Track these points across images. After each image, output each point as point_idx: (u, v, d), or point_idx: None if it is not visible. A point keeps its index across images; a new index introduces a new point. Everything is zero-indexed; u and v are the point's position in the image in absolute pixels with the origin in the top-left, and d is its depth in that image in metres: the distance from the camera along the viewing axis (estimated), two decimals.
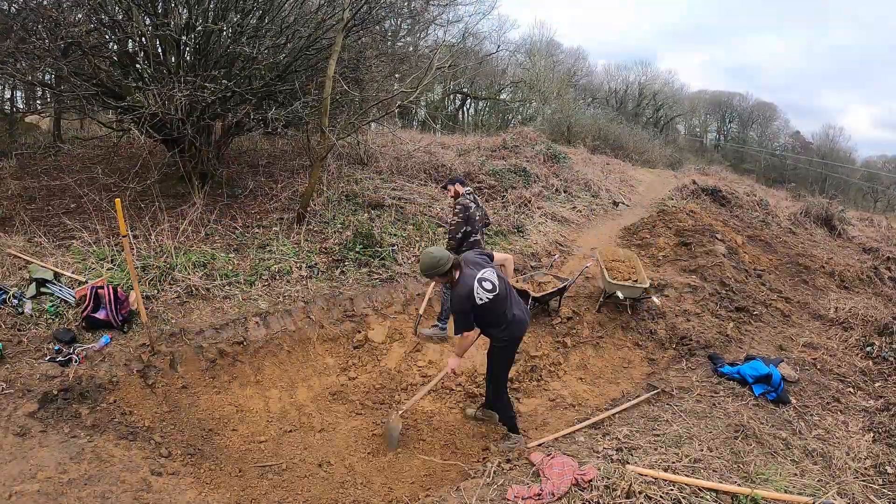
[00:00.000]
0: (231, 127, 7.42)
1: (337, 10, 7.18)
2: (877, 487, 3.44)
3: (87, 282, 4.96)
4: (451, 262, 3.66)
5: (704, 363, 5.22)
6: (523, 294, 5.94)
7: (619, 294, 6.05)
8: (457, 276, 3.69)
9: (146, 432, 3.87)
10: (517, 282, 6.27)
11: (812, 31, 74.61)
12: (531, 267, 7.59)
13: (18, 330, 4.38)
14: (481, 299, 3.64)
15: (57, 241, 5.76)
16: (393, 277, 6.29)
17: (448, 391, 4.99)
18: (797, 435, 3.98)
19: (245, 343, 4.90)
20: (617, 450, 3.50)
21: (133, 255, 5.02)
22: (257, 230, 6.69)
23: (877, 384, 5.09)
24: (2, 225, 6.06)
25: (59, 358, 4.12)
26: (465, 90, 27.27)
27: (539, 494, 3.01)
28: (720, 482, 3.18)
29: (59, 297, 4.77)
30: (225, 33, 6.59)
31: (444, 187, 5.90)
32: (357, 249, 6.59)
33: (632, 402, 4.48)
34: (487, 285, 3.68)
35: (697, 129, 45.03)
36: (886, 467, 3.66)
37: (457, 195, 5.58)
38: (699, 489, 3.09)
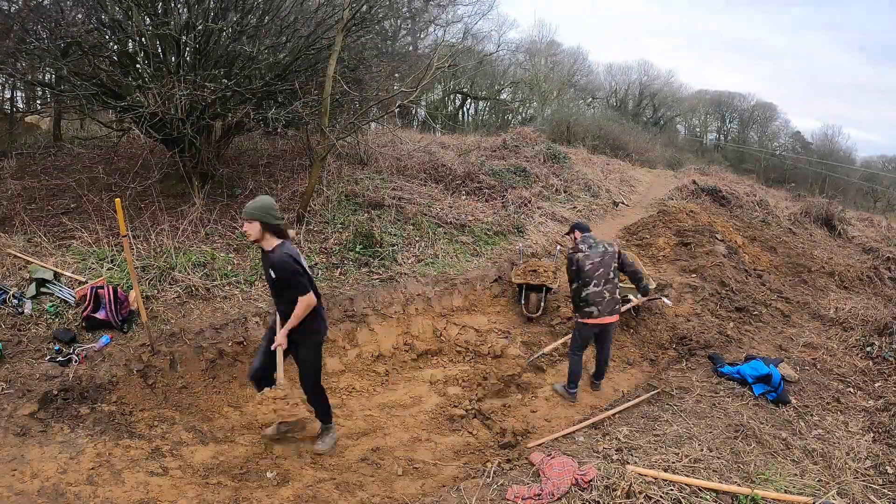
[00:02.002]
0: (231, 127, 7.41)
1: (337, 9, 7.18)
2: (877, 487, 3.43)
3: (87, 282, 4.96)
4: (281, 221, 3.42)
5: (704, 363, 5.21)
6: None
7: (631, 297, 5.95)
8: (279, 241, 3.42)
9: (146, 432, 3.87)
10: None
11: None
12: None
13: (18, 330, 4.39)
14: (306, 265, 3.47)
15: (57, 241, 5.76)
16: (393, 277, 6.29)
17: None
18: (797, 435, 3.98)
19: (245, 343, 4.90)
20: (617, 450, 3.50)
21: (133, 255, 5.02)
22: None
23: (877, 384, 5.09)
24: (2, 225, 6.06)
25: (59, 358, 4.12)
26: (465, 90, 27.28)
27: (539, 494, 3.01)
28: (720, 482, 3.19)
29: (59, 297, 4.77)
30: (225, 33, 6.59)
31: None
32: (357, 249, 6.59)
33: (632, 401, 4.48)
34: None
35: (697, 129, 45.02)
36: (886, 467, 3.66)
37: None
38: (699, 489, 3.09)
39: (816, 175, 37.58)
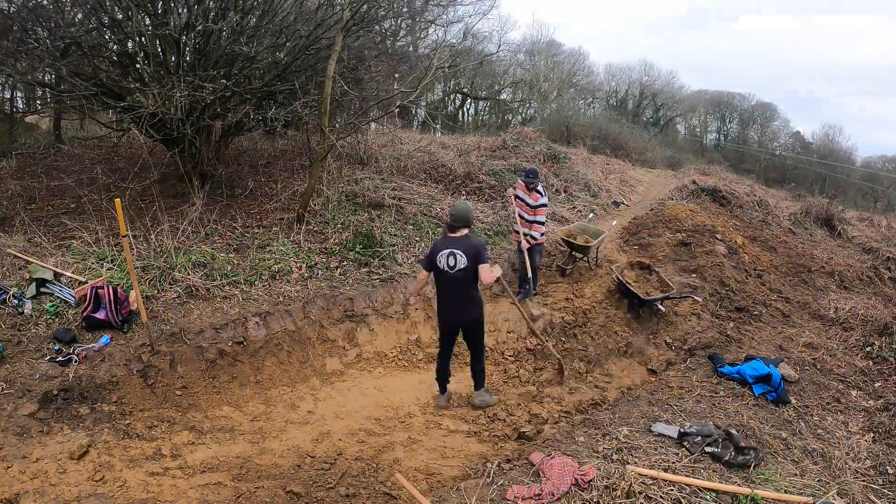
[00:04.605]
0: (231, 127, 7.41)
1: (336, 9, 7.18)
2: (877, 487, 3.43)
3: (87, 282, 4.97)
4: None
5: (704, 363, 5.21)
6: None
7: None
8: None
9: (146, 432, 3.87)
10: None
11: None
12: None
13: (18, 330, 4.39)
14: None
15: (57, 241, 5.76)
16: (393, 277, 6.29)
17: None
18: (797, 435, 3.98)
19: (245, 343, 4.90)
20: (617, 450, 3.49)
21: (133, 255, 5.02)
22: (257, 230, 6.69)
23: (877, 384, 5.09)
24: (2, 225, 6.06)
25: (59, 358, 4.13)
26: (465, 90, 27.25)
27: (539, 494, 3.01)
28: (720, 482, 3.18)
29: (59, 297, 4.78)
30: (225, 33, 6.59)
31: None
32: (357, 249, 6.59)
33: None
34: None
35: (697, 130, 44.95)
36: (886, 467, 3.66)
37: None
38: (699, 489, 3.09)
39: (816, 175, 37.54)
